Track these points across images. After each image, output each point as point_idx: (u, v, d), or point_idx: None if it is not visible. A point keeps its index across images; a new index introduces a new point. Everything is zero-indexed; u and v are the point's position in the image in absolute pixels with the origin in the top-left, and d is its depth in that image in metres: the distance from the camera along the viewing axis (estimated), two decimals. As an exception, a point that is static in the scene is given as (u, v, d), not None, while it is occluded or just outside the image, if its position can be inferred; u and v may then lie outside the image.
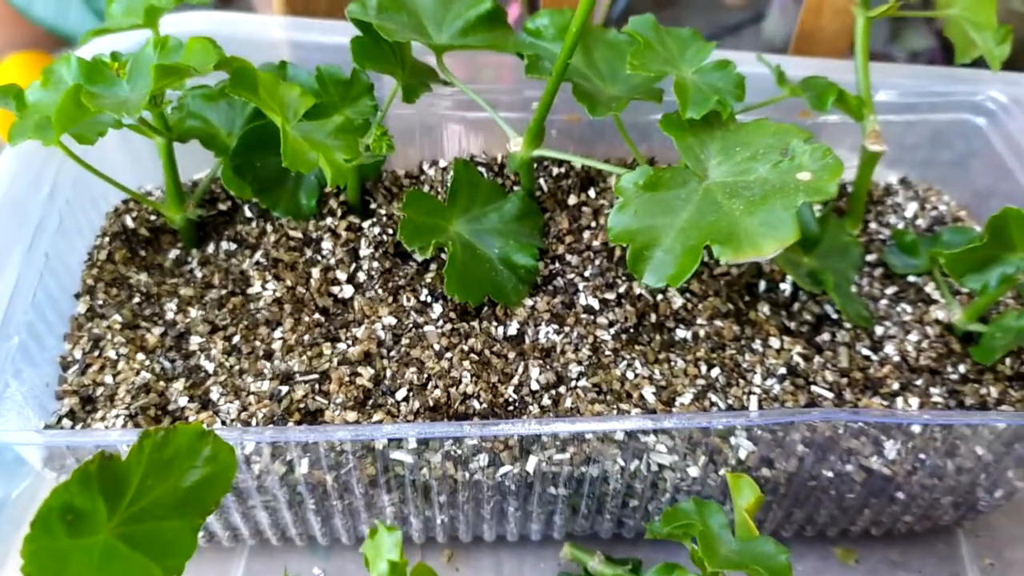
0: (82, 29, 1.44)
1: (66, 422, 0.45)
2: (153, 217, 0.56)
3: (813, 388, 0.48)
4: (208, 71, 0.40)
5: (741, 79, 0.48)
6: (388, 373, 0.47)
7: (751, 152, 0.43)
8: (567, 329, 0.50)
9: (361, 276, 0.52)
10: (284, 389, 0.46)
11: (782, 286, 0.54)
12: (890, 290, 0.55)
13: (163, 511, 0.36)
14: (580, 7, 0.44)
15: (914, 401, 0.48)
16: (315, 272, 0.52)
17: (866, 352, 0.51)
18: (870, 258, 0.57)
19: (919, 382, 0.49)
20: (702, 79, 0.48)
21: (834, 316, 0.53)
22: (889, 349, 0.51)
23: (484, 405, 0.46)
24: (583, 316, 0.51)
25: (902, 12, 0.51)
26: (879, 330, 0.52)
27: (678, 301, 0.52)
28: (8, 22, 1.89)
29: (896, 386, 0.49)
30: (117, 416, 0.45)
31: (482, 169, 0.58)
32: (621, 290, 0.52)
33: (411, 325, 0.50)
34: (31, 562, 0.32)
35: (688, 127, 0.45)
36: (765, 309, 0.53)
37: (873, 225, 0.59)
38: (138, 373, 0.47)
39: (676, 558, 0.52)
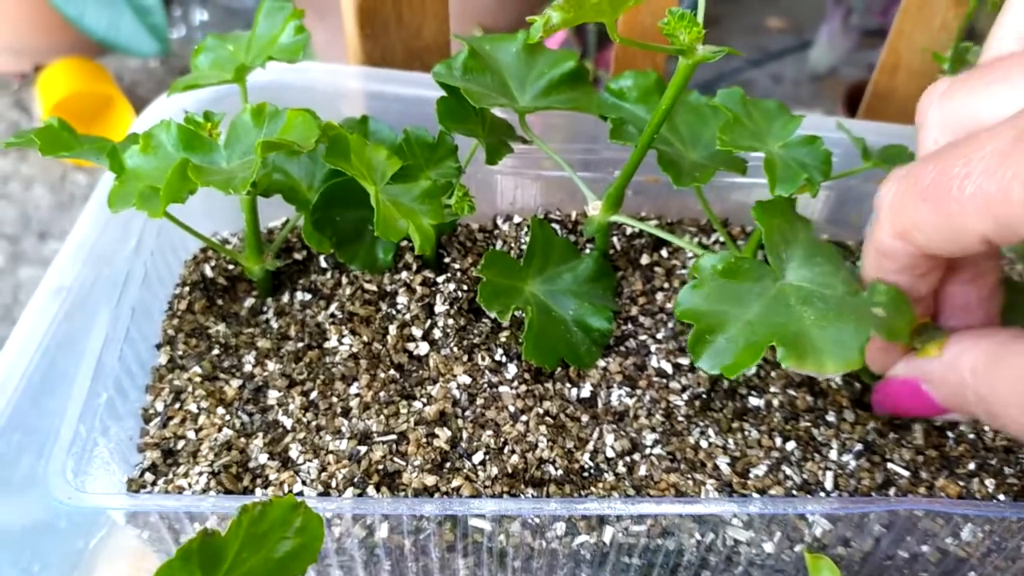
0: (134, 43, 1.46)
1: (148, 476, 0.46)
2: (231, 266, 0.57)
3: (889, 465, 0.48)
4: (310, 147, 0.41)
5: (828, 155, 0.48)
6: (464, 435, 0.48)
7: (832, 267, 0.43)
8: (639, 392, 0.50)
9: (436, 333, 0.52)
10: (363, 449, 0.47)
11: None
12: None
13: (255, 582, 0.37)
14: (676, 78, 0.44)
15: (990, 482, 0.48)
16: (391, 328, 0.52)
17: (940, 427, 0.51)
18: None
19: (994, 461, 0.49)
20: (789, 154, 0.48)
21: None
22: (964, 426, 0.51)
23: (560, 471, 0.46)
24: (655, 379, 0.51)
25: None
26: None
27: (751, 369, 0.52)
28: (55, 26, 1.92)
29: (972, 466, 0.48)
30: (200, 473, 0.45)
31: (555, 226, 0.58)
32: (694, 355, 0.52)
33: (486, 385, 0.50)
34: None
35: (777, 222, 0.45)
36: (837, 378, 0.53)
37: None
38: (220, 429, 0.48)
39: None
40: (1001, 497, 0.47)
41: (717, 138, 0.47)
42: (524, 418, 0.48)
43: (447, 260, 0.56)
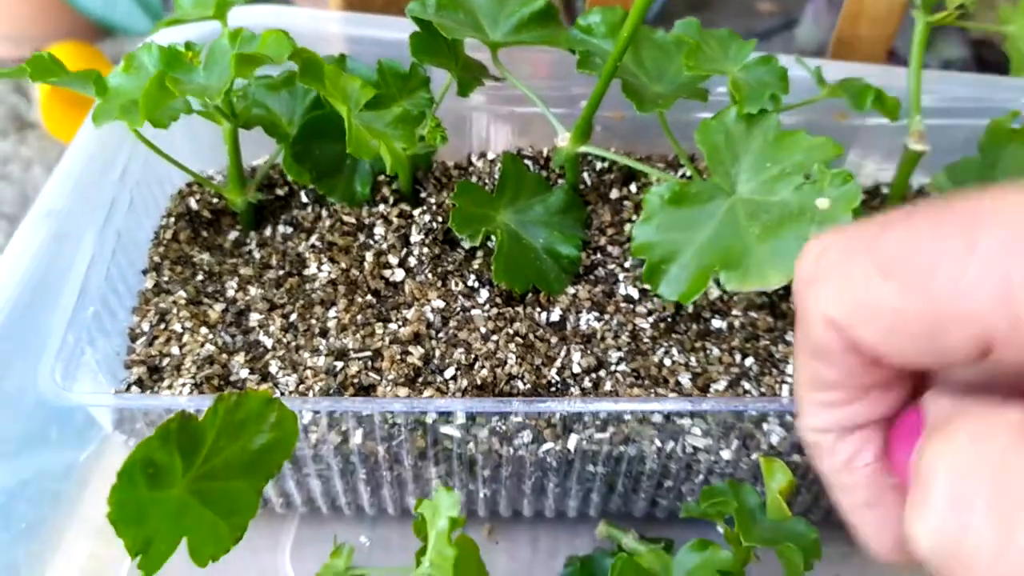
0: (129, 21, 1.48)
1: (135, 389, 0.48)
2: (215, 200, 0.59)
3: (844, 379, 0.50)
4: (282, 61, 0.43)
5: (784, 72, 0.50)
6: (437, 353, 0.50)
7: (780, 169, 0.45)
8: (607, 317, 0.52)
9: (412, 261, 0.55)
10: (339, 364, 0.49)
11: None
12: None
13: (232, 471, 0.39)
14: (635, 7, 0.46)
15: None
16: (368, 256, 0.55)
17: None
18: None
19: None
20: (749, 76, 0.50)
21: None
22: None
23: (528, 385, 0.48)
24: (623, 305, 0.53)
25: (962, 23, 0.53)
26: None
27: (715, 292, 0.54)
28: (53, 12, 1.94)
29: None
30: (184, 384, 0.47)
31: (528, 162, 0.60)
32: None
33: (459, 308, 0.52)
34: (116, 510, 0.35)
35: (723, 139, 0.47)
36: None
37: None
38: (202, 346, 0.50)
39: (708, 540, 0.54)
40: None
41: (683, 63, 0.49)
42: (495, 338, 0.50)
43: (423, 194, 0.58)
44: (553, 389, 0.49)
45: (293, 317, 0.52)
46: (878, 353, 0.24)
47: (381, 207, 0.57)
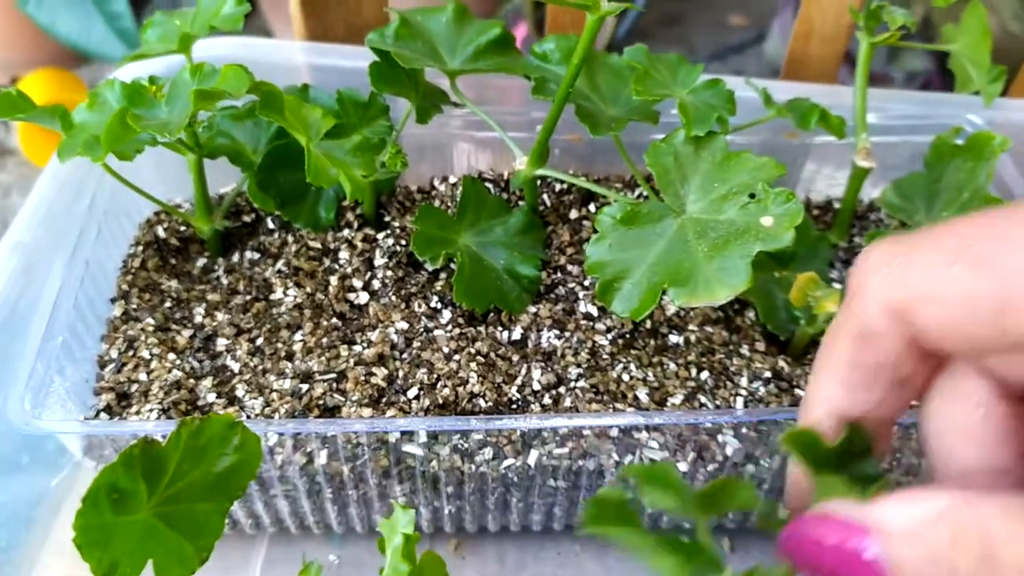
0: (104, 47, 1.49)
1: (103, 416, 0.49)
2: (183, 228, 0.60)
3: (797, 391, 0.52)
4: (241, 95, 0.44)
5: (731, 94, 0.52)
6: (400, 373, 0.51)
7: (727, 189, 0.47)
8: (567, 334, 0.54)
9: (376, 284, 0.56)
10: (304, 387, 0.50)
11: (770, 296, 0.58)
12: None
13: (196, 494, 0.40)
14: (584, 34, 0.48)
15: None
16: (333, 280, 0.56)
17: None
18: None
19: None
20: (698, 99, 0.52)
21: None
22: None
23: (489, 403, 0.50)
24: (583, 322, 0.55)
25: (903, 43, 0.55)
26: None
27: (671, 308, 0.56)
28: (31, 39, 1.95)
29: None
30: (151, 410, 0.49)
31: (489, 185, 0.62)
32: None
33: (422, 329, 0.54)
34: (81, 534, 0.36)
35: (673, 160, 0.49)
36: (751, 315, 0.56)
37: (857, 239, 0.63)
38: (170, 371, 0.51)
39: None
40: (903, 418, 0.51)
41: (632, 89, 0.50)
42: (457, 357, 0.52)
43: (387, 219, 0.60)
44: (514, 406, 0.50)
45: (260, 341, 0.53)
46: (934, 338, 0.26)
47: (346, 232, 0.58)
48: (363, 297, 0.56)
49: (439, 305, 0.55)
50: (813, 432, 0.30)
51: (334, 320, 0.54)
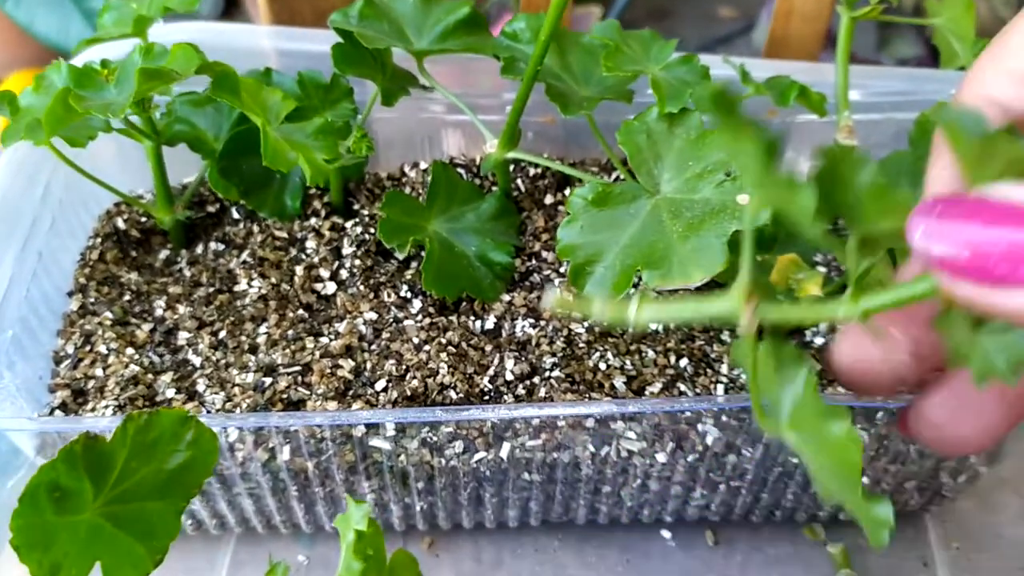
0: (84, 45, 1.47)
1: (58, 413, 0.47)
2: (143, 219, 0.58)
3: (778, 377, 0.50)
4: (190, 74, 0.43)
5: (706, 70, 0.50)
6: (368, 365, 0.49)
7: (702, 168, 0.45)
8: (543, 323, 0.52)
9: (344, 273, 0.54)
10: (267, 381, 0.48)
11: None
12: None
13: (147, 493, 0.38)
14: (551, 9, 0.46)
15: (877, 388, 0.49)
16: (299, 270, 0.54)
17: (831, 341, 0.53)
18: (838, 253, 0.58)
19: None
20: (671, 75, 0.50)
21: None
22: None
23: (460, 395, 0.48)
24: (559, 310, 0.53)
25: (887, 17, 0.53)
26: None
27: (651, 293, 0.54)
28: (10, 40, 1.92)
29: (859, 374, 0.50)
30: (107, 406, 0.47)
31: (461, 171, 0.60)
32: (595, 285, 0.54)
33: (391, 320, 0.52)
34: (19, 535, 0.34)
35: (646, 139, 0.47)
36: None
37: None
38: (127, 366, 0.49)
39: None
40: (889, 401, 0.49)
41: (602, 65, 0.49)
42: (427, 348, 0.50)
43: (356, 207, 0.58)
44: (486, 398, 0.48)
45: (223, 334, 0.51)
46: None
47: (313, 220, 0.57)
48: (330, 287, 0.54)
49: (409, 295, 0.53)
50: (976, 111, 0.25)
51: (300, 311, 0.52)
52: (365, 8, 0.53)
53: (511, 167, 0.59)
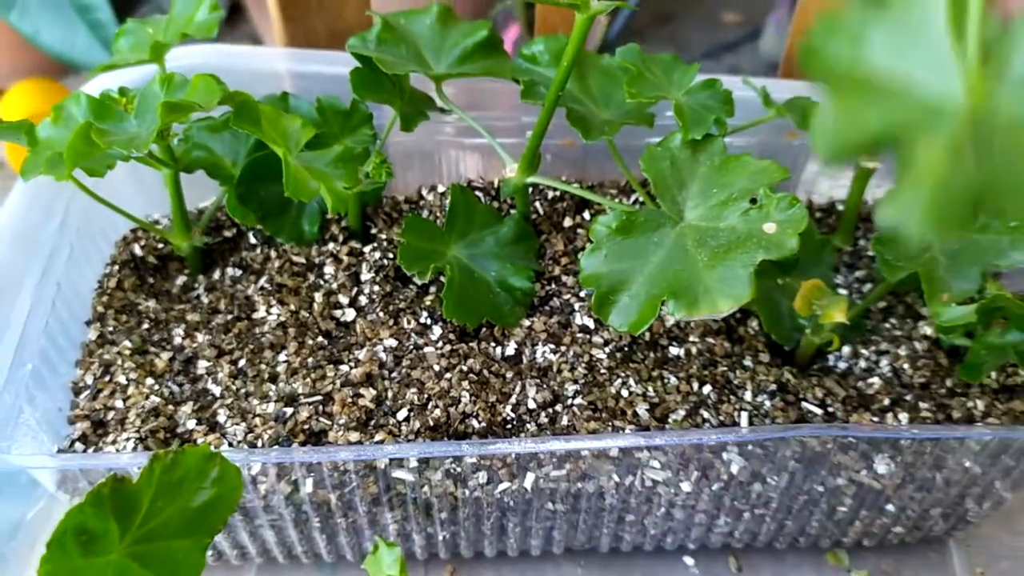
0: (88, 57, 1.46)
1: (78, 446, 0.47)
2: (161, 245, 0.58)
3: (803, 404, 0.50)
4: (212, 107, 0.42)
5: (728, 95, 0.50)
6: (390, 394, 0.49)
7: (727, 195, 0.45)
8: (563, 348, 0.51)
9: (363, 300, 0.54)
10: (289, 411, 0.48)
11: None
12: (879, 305, 0.56)
13: (173, 531, 0.38)
14: (574, 35, 0.46)
15: (904, 416, 0.49)
16: (318, 296, 0.54)
17: (854, 367, 0.52)
18: (859, 274, 0.58)
19: (909, 397, 0.50)
20: (693, 100, 0.49)
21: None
22: (881, 364, 0.52)
23: (483, 424, 0.47)
24: (579, 335, 0.52)
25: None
26: (869, 346, 0.53)
27: (671, 319, 0.53)
28: (15, 50, 1.92)
29: (887, 401, 0.50)
30: (128, 439, 0.46)
31: (480, 194, 0.60)
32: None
33: (411, 347, 0.51)
34: (48, 580, 0.34)
35: (669, 165, 0.47)
36: (755, 324, 0.54)
37: (862, 242, 0.60)
38: (147, 397, 0.49)
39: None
40: (913, 432, 0.48)
41: (625, 91, 0.48)
42: (448, 376, 0.49)
43: (373, 231, 0.58)
44: (509, 427, 0.48)
45: (242, 363, 0.51)
46: None
47: (331, 245, 0.56)
48: (350, 314, 0.53)
49: (429, 321, 0.53)
50: None
51: (320, 339, 0.52)
52: (383, 32, 0.53)
53: (530, 190, 0.58)
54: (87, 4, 1.45)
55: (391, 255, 0.55)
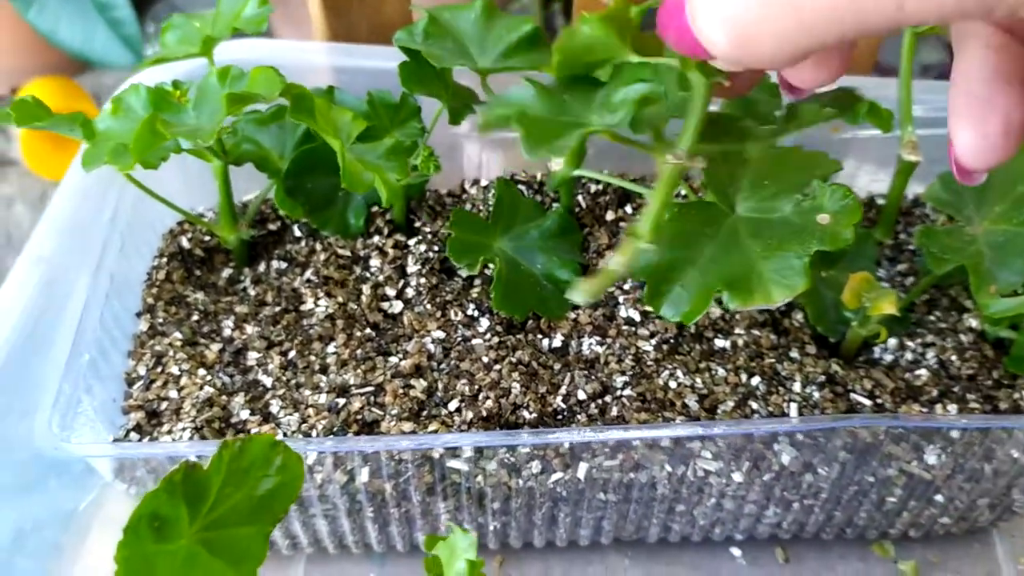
0: (108, 55, 1.46)
1: (133, 435, 0.47)
2: (207, 238, 0.58)
3: (852, 396, 0.50)
4: (274, 98, 0.42)
5: (775, 87, 0.50)
6: (440, 385, 0.49)
7: (779, 187, 0.45)
8: (609, 340, 0.52)
9: (409, 292, 0.54)
10: (341, 401, 0.48)
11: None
12: (922, 298, 0.56)
13: (238, 518, 0.38)
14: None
15: (952, 407, 0.49)
16: (365, 289, 0.54)
17: (900, 359, 0.53)
18: (901, 267, 0.58)
19: (956, 388, 0.51)
20: (742, 96, 0.49)
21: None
22: (927, 356, 0.52)
23: (534, 414, 0.48)
24: (624, 328, 0.53)
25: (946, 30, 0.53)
26: (915, 338, 0.53)
27: (716, 312, 0.54)
28: (31, 47, 1.93)
29: (935, 393, 0.50)
30: (184, 429, 0.47)
31: (522, 187, 0.60)
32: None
33: (459, 339, 0.52)
34: (123, 566, 0.34)
35: (720, 157, 0.47)
36: (799, 317, 0.54)
37: (903, 236, 0.61)
38: (201, 388, 0.49)
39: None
40: (964, 422, 0.49)
41: (677, 86, 0.48)
42: (497, 367, 0.50)
43: (417, 224, 0.58)
44: (559, 417, 0.48)
45: (292, 354, 0.51)
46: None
47: (376, 238, 0.56)
48: (397, 306, 0.53)
49: (476, 313, 0.53)
50: None
51: (367, 331, 0.52)
52: (429, 26, 0.53)
53: (573, 184, 0.59)
54: (107, 2, 1.45)
55: (436, 248, 0.56)
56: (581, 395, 0.49)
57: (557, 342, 0.52)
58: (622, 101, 0.41)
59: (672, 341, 0.52)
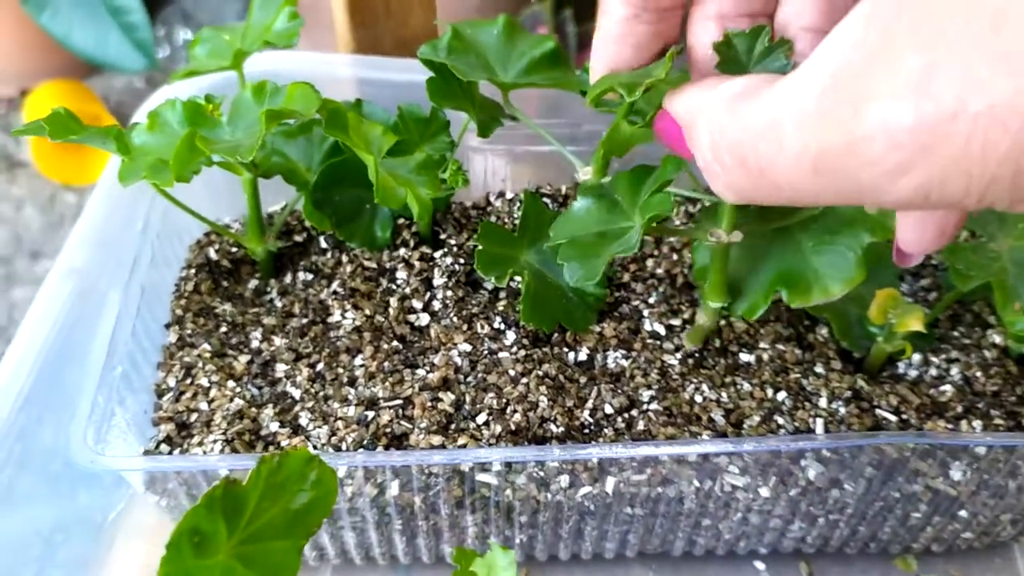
0: (121, 59, 1.47)
1: (164, 447, 0.48)
2: (234, 249, 0.58)
3: (877, 411, 0.50)
4: (311, 115, 0.43)
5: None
6: (468, 398, 0.49)
7: None
8: (634, 354, 0.52)
9: (436, 305, 0.54)
10: (370, 414, 0.48)
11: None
12: (945, 313, 0.57)
13: (274, 532, 0.39)
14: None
15: (977, 424, 0.49)
16: (392, 301, 0.54)
17: (924, 375, 0.53)
18: (924, 283, 0.59)
19: (981, 405, 0.51)
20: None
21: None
22: (952, 372, 0.52)
23: (561, 428, 0.48)
24: (649, 341, 0.53)
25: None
26: (939, 354, 0.54)
27: (740, 326, 0.54)
28: (41, 50, 1.93)
29: (960, 409, 0.50)
30: (215, 441, 0.47)
31: (547, 200, 0.60)
32: (686, 316, 0.54)
33: (486, 352, 0.52)
34: (165, 582, 0.35)
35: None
36: (824, 332, 0.54)
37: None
38: (231, 400, 0.49)
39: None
40: (990, 439, 0.49)
41: None
42: (524, 380, 0.50)
43: (443, 236, 0.58)
44: (586, 431, 0.48)
45: (320, 366, 0.52)
46: None
47: (402, 251, 0.57)
48: (424, 319, 0.54)
49: (502, 326, 0.53)
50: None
51: (395, 343, 0.53)
52: (453, 40, 0.53)
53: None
54: (121, 6, 1.46)
55: (462, 260, 0.56)
56: (608, 409, 0.49)
57: (583, 355, 0.52)
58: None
59: (697, 355, 0.52)
